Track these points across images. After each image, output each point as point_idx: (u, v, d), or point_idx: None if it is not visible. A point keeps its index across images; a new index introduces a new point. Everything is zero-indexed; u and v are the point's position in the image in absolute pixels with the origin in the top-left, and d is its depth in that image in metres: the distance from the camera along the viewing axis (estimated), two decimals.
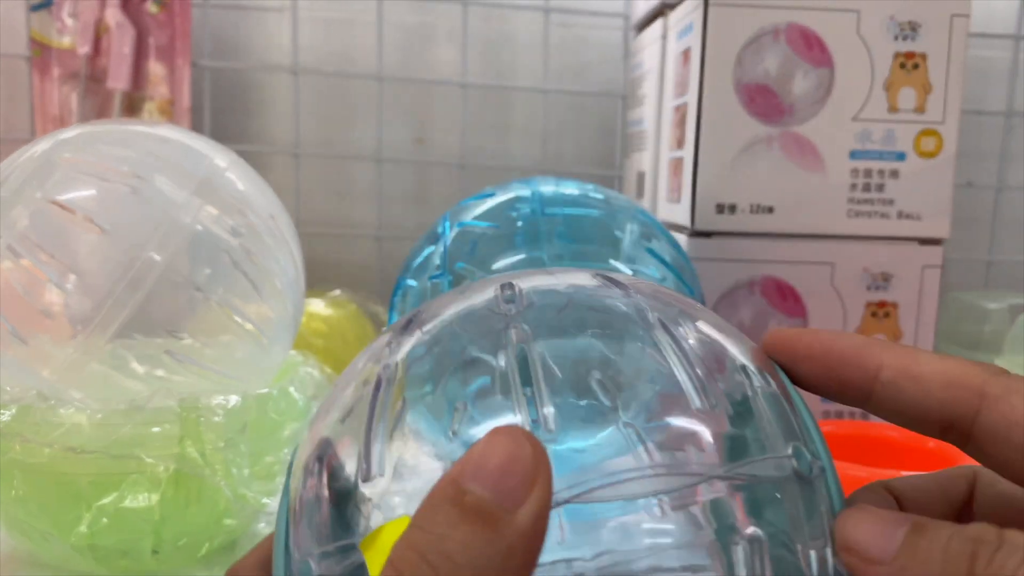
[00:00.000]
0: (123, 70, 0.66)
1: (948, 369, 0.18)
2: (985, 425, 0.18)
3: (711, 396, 0.18)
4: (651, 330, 0.19)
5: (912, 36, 0.50)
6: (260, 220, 0.39)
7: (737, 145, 0.51)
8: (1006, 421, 0.17)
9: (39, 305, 0.35)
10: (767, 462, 0.18)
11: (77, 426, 0.34)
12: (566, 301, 0.20)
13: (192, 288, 0.36)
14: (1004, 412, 0.17)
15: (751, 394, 0.19)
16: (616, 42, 0.76)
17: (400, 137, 0.75)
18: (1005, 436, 0.17)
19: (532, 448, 0.14)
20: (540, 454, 0.15)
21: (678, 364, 0.18)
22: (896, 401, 0.19)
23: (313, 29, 0.74)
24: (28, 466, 0.34)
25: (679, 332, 0.19)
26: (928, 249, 0.52)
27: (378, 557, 0.16)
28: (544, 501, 0.14)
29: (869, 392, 0.19)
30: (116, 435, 0.34)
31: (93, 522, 0.34)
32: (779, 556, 0.17)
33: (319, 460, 0.19)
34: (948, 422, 0.18)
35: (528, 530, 0.14)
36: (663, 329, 0.19)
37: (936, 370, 0.18)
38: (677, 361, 0.18)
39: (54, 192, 0.35)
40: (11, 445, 0.34)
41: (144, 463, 0.34)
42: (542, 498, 0.14)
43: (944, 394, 0.18)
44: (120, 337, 0.35)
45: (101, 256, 0.35)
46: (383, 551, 0.16)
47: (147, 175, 0.36)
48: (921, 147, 0.51)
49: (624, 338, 0.19)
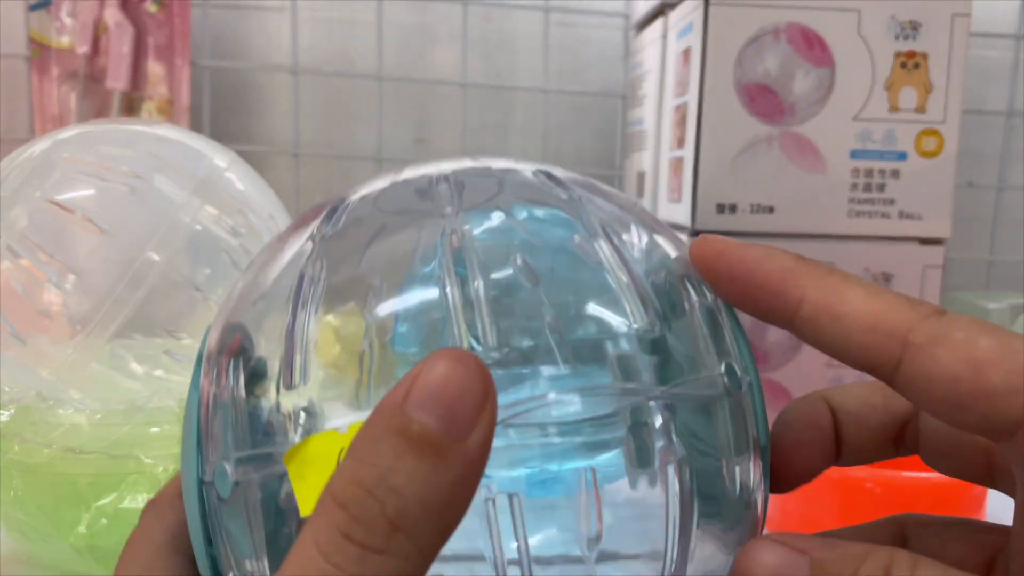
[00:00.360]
0: (122, 70, 0.66)
1: (873, 310, 0.16)
2: (906, 376, 0.16)
3: (649, 312, 0.17)
4: (592, 238, 0.18)
5: (913, 36, 0.50)
6: (260, 220, 0.39)
7: (737, 145, 0.51)
8: (927, 375, 0.16)
9: (38, 305, 0.35)
10: (700, 381, 0.17)
11: (76, 426, 0.34)
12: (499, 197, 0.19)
13: (191, 288, 0.36)
14: (926, 364, 0.16)
15: (687, 308, 0.18)
16: (616, 42, 0.76)
17: (400, 137, 0.75)
18: (926, 390, 0.16)
19: (481, 375, 0.14)
20: (488, 381, 0.14)
21: (617, 277, 0.18)
22: (816, 338, 0.17)
23: (313, 29, 0.74)
24: (27, 466, 0.34)
25: (619, 240, 0.18)
26: (929, 249, 0.52)
27: (303, 471, 0.15)
28: (491, 428, 0.14)
29: (790, 322, 0.18)
30: (115, 435, 0.34)
31: (92, 522, 0.34)
32: (706, 471, 0.17)
33: (235, 356, 0.18)
34: (869, 368, 0.17)
35: (476, 458, 0.14)
36: (604, 236, 0.18)
37: (860, 310, 0.17)
38: (617, 274, 0.18)
39: (53, 192, 0.35)
40: (10, 445, 0.34)
41: (143, 463, 0.34)
42: (490, 424, 0.14)
43: (865, 339, 0.16)
44: (119, 337, 0.35)
45: (100, 256, 0.35)
46: (310, 465, 0.15)
47: (146, 175, 0.36)
48: (922, 147, 0.51)
49: (565, 248, 0.18)
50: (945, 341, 0.16)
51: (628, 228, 0.19)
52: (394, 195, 0.20)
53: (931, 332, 0.16)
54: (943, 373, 0.16)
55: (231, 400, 0.17)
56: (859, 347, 0.17)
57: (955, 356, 0.16)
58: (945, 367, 0.16)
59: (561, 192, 0.20)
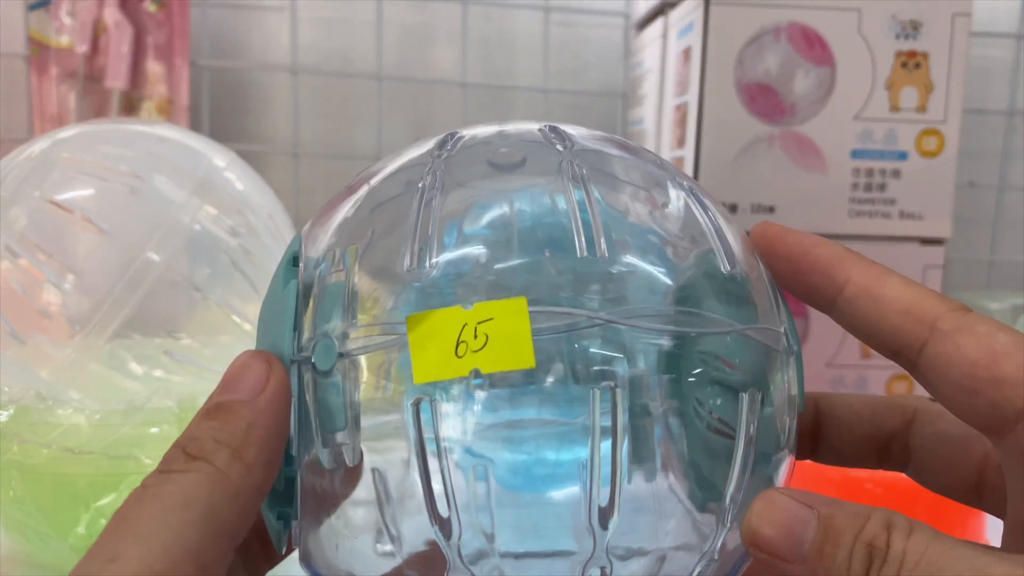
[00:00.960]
0: (121, 69, 0.66)
1: (909, 297, 0.19)
2: (929, 358, 0.18)
3: (735, 264, 0.20)
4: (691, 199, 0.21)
5: (914, 35, 0.50)
6: (259, 220, 0.39)
7: (738, 145, 0.51)
8: (948, 358, 0.18)
9: (37, 305, 0.35)
10: (769, 332, 0.20)
11: (75, 427, 0.34)
12: None
13: (191, 288, 0.36)
14: (948, 348, 0.18)
15: (760, 272, 0.20)
16: (616, 41, 0.76)
17: (400, 137, 0.75)
18: (944, 372, 0.18)
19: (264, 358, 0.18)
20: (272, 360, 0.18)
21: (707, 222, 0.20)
22: (854, 317, 0.19)
23: (312, 28, 0.74)
24: (26, 467, 0.34)
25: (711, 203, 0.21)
26: (930, 249, 0.52)
27: (425, 341, 0.17)
28: (277, 390, 0.18)
29: (833, 302, 0.20)
30: (115, 436, 0.34)
31: (91, 523, 0.34)
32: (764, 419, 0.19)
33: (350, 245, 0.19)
34: (897, 348, 0.19)
35: (266, 408, 0.18)
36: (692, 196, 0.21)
37: (898, 296, 0.19)
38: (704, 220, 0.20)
39: (52, 192, 0.35)
40: (9, 446, 0.34)
41: (143, 464, 0.34)
42: (276, 388, 0.18)
43: (897, 320, 0.18)
44: (118, 337, 0.35)
45: (99, 256, 0.35)
46: (432, 336, 0.17)
47: (146, 175, 0.36)
48: (923, 147, 0.51)
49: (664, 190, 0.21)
50: (968, 331, 0.18)
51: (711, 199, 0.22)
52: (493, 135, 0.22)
53: (957, 322, 0.18)
54: (962, 358, 0.17)
55: (345, 280, 0.19)
56: (891, 328, 0.19)
57: (975, 344, 0.17)
58: (965, 352, 0.17)
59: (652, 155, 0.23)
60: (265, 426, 0.18)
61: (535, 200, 0.20)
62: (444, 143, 0.21)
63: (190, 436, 0.18)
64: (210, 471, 0.17)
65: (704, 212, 0.20)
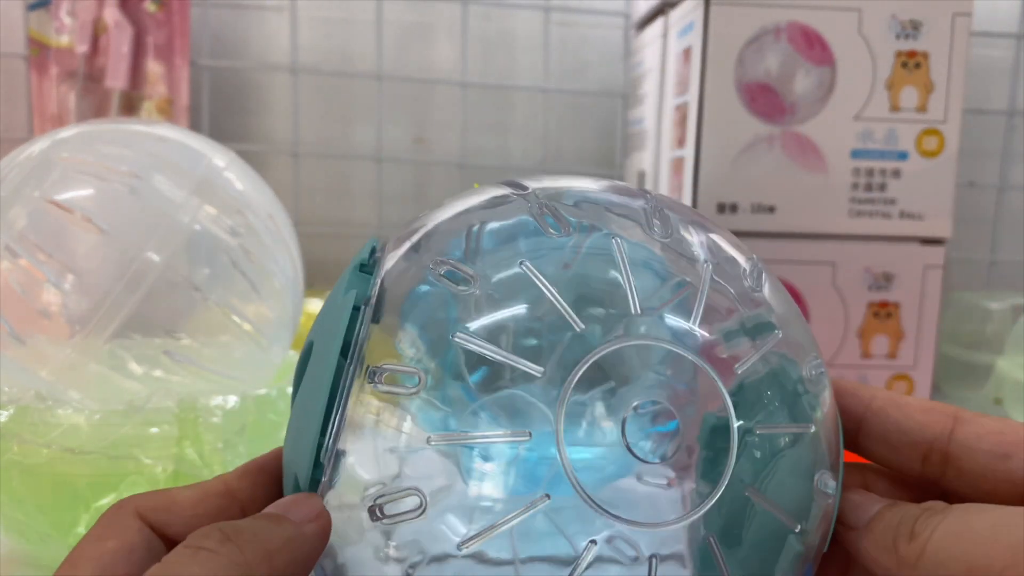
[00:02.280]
0: (121, 69, 0.66)
1: (927, 403, 0.23)
2: (961, 439, 0.22)
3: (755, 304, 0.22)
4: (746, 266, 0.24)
5: (914, 35, 0.50)
6: (259, 220, 0.39)
7: (738, 144, 0.50)
8: (978, 432, 0.21)
9: (37, 305, 0.35)
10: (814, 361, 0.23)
11: (75, 427, 0.34)
12: None
13: (190, 288, 0.36)
14: (976, 428, 0.22)
15: None
16: (616, 41, 0.76)
17: (400, 136, 0.75)
18: (977, 445, 0.21)
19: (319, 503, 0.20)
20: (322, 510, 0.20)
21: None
22: (883, 425, 0.23)
23: (312, 28, 0.74)
24: (26, 467, 0.34)
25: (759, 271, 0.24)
26: (930, 249, 0.52)
27: None
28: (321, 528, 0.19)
29: (861, 419, 0.23)
30: (114, 436, 0.34)
31: (91, 523, 0.34)
32: None
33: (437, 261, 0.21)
34: (928, 442, 0.22)
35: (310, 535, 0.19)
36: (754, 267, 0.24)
37: (917, 402, 0.23)
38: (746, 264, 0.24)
39: (52, 192, 0.35)
40: (9, 446, 0.34)
41: (142, 464, 0.34)
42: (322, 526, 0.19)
43: (923, 417, 0.22)
44: (118, 337, 0.35)
45: (99, 256, 0.35)
46: None
47: (145, 175, 0.36)
48: (923, 146, 0.51)
49: None
50: (985, 416, 0.22)
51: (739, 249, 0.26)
52: None
53: (972, 413, 0.22)
54: (990, 431, 0.21)
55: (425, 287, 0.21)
56: (919, 424, 0.22)
57: (996, 423, 0.22)
58: (991, 427, 0.21)
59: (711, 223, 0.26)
60: None
61: None
62: None
63: None
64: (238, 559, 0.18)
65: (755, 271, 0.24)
